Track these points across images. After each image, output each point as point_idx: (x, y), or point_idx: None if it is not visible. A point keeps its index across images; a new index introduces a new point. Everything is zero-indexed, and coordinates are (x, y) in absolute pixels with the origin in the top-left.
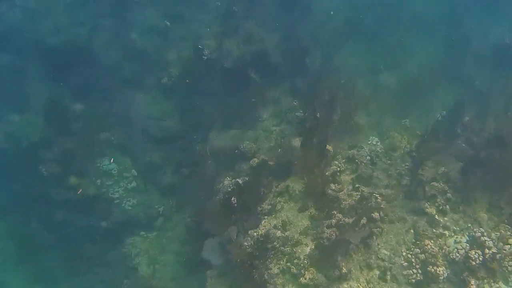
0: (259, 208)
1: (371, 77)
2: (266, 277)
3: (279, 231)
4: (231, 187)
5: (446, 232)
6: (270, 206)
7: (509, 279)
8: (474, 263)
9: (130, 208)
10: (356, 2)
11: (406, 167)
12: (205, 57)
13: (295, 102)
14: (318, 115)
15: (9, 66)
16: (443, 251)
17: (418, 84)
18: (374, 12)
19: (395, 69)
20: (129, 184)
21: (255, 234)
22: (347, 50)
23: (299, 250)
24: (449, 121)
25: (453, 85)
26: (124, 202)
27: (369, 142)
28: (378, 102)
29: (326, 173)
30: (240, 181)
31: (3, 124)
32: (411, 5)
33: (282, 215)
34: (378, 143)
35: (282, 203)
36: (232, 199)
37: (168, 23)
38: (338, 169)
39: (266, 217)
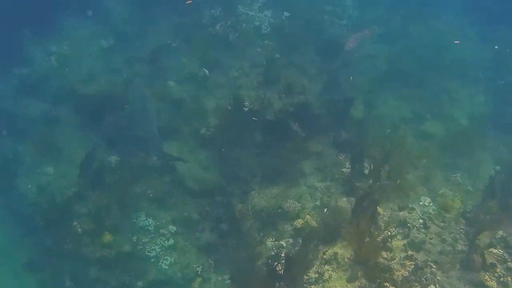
0: (305, 277)
1: (417, 126)
2: None
3: None
4: (274, 250)
5: None
6: (317, 275)
7: None
8: None
9: (167, 267)
10: (397, 47)
11: (461, 230)
12: (246, 109)
13: (341, 156)
14: (366, 171)
15: (43, 115)
16: None
17: (466, 133)
18: (417, 57)
19: (441, 118)
20: (166, 242)
21: None
22: (391, 98)
23: None
24: (505, 176)
25: (504, 135)
26: (161, 260)
27: (421, 203)
28: (426, 154)
29: (377, 239)
30: (283, 243)
31: (37, 177)
32: (454, 48)
33: (330, 285)
34: (431, 204)
35: (330, 271)
36: (277, 265)
37: (207, 71)
38: (389, 233)
39: (313, 286)
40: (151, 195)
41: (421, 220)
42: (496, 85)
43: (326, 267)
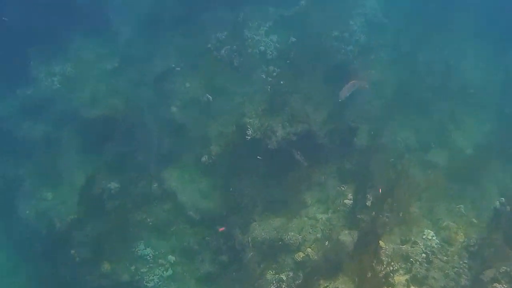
0: None
1: (421, 155)
2: None
3: None
4: (274, 284)
5: None
6: None
7: None
8: None
9: None
10: (404, 73)
11: (465, 264)
12: (249, 137)
13: (343, 187)
14: (369, 203)
15: (44, 137)
16: None
17: (471, 163)
18: (424, 84)
19: (446, 146)
20: (165, 272)
21: None
22: (395, 126)
23: None
24: (510, 208)
25: (510, 165)
26: None
27: (424, 237)
28: (430, 185)
29: (380, 274)
30: (284, 277)
31: (36, 202)
32: (461, 75)
33: None
34: (434, 237)
35: None
36: None
37: (210, 97)
38: (391, 268)
39: None
40: (150, 223)
41: (424, 255)
42: (503, 114)
43: None
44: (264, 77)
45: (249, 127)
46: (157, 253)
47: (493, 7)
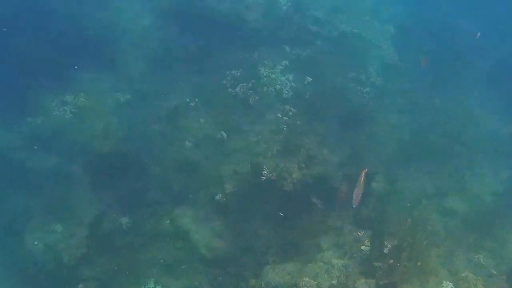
0: None
1: (439, 202)
2: None
3: None
4: None
5: None
6: None
7: None
8: None
9: None
10: (420, 118)
11: None
12: (264, 177)
13: (360, 232)
14: (386, 250)
15: (55, 169)
16: None
17: (490, 211)
18: (441, 130)
19: (464, 194)
20: None
21: None
22: (414, 171)
23: None
24: None
25: None
26: None
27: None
28: (448, 233)
29: None
30: None
31: (45, 234)
32: (478, 122)
33: None
34: None
35: None
36: None
37: (225, 134)
38: None
39: None
40: (161, 260)
41: None
42: None
43: None
44: (279, 116)
45: (264, 167)
46: None
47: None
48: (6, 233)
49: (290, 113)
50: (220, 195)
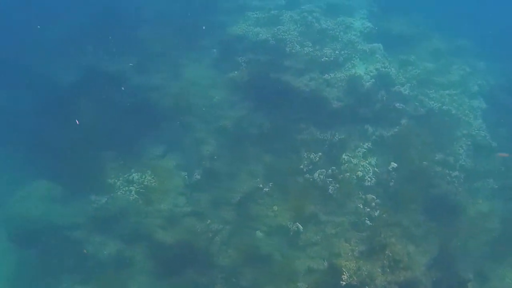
0: None
1: None
2: None
3: None
4: None
5: None
6: None
7: None
8: None
9: None
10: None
11: None
12: (344, 282)
13: None
14: None
15: (116, 255)
16: None
17: None
18: None
19: None
20: None
21: None
22: (507, 269)
23: None
24: None
25: None
26: None
27: None
28: None
29: None
30: None
31: None
32: None
33: None
34: None
35: None
36: None
37: (300, 226)
38: None
39: None
40: None
41: None
42: None
43: None
44: (361, 206)
45: (344, 270)
46: None
47: None
48: None
49: (373, 204)
50: None
